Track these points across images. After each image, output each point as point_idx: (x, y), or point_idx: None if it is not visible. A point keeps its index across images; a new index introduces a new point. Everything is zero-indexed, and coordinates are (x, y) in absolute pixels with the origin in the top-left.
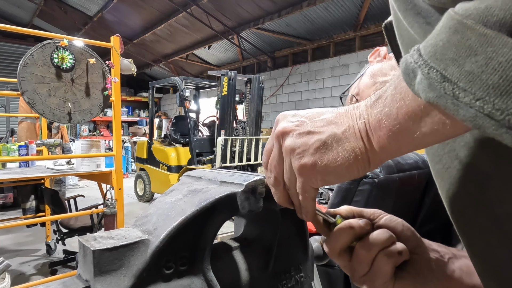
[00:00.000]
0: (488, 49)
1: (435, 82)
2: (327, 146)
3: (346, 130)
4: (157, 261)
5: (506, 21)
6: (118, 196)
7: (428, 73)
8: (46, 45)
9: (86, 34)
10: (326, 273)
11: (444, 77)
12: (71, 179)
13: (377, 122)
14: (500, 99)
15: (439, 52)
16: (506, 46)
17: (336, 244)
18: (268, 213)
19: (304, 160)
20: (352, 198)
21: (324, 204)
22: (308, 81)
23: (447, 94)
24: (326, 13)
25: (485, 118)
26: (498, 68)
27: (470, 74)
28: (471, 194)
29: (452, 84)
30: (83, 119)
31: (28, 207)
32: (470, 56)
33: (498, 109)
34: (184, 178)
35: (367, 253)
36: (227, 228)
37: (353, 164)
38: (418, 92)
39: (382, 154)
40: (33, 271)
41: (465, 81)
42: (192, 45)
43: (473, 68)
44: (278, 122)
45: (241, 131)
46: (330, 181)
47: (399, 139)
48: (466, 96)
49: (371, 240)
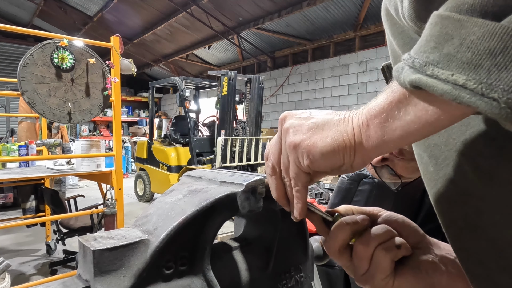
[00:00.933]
0: (462, 31)
1: (418, 67)
2: (319, 127)
3: (340, 120)
4: (157, 261)
5: (475, 6)
6: (118, 196)
7: (413, 62)
8: (46, 45)
9: (86, 34)
10: (326, 273)
11: (426, 62)
12: (71, 179)
13: (367, 112)
14: (473, 72)
15: (423, 45)
16: (476, 25)
17: (334, 242)
18: (268, 213)
19: (296, 137)
20: (352, 198)
21: (324, 204)
22: (308, 81)
23: (428, 75)
24: (326, 13)
25: (460, 89)
26: (471, 45)
27: (448, 55)
28: (467, 218)
29: (432, 66)
30: (83, 119)
31: (28, 207)
32: (447, 41)
33: (472, 79)
34: (184, 178)
35: (365, 248)
36: (227, 228)
37: (339, 148)
38: (404, 80)
39: (368, 146)
40: (33, 271)
41: (443, 62)
42: (192, 45)
43: (450, 50)
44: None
45: (241, 131)
46: (316, 162)
47: (384, 127)
48: (443, 74)
49: (368, 236)
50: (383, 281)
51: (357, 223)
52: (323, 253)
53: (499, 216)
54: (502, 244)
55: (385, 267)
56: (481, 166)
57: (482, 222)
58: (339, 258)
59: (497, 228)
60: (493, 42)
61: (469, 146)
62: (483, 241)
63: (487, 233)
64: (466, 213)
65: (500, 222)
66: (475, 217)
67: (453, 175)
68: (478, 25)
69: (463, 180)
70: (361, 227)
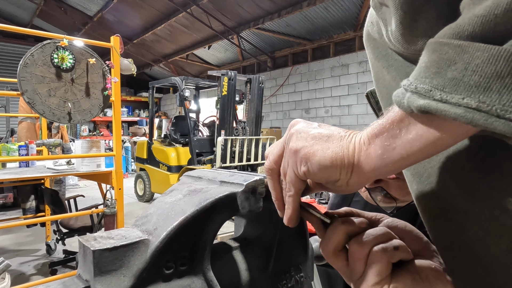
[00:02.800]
0: (464, 56)
1: (424, 93)
2: (322, 138)
3: (345, 136)
4: (157, 261)
5: (475, 33)
6: (118, 196)
7: (416, 87)
8: (46, 45)
9: (86, 34)
10: (326, 273)
11: (431, 87)
12: (71, 179)
13: (368, 131)
14: (483, 94)
15: (423, 71)
16: (479, 50)
17: (328, 244)
18: (268, 213)
19: (298, 142)
20: (352, 198)
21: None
22: (308, 81)
23: (436, 99)
24: (326, 13)
25: (474, 112)
26: (476, 69)
27: (453, 80)
28: (452, 234)
29: (439, 91)
30: (83, 119)
31: (28, 207)
32: (450, 65)
33: (484, 102)
34: (184, 178)
35: (360, 248)
36: (227, 228)
37: (338, 162)
38: (409, 105)
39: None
40: (33, 271)
41: (450, 87)
42: (192, 45)
43: (455, 74)
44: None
45: (241, 131)
46: (312, 171)
47: (385, 146)
48: (453, 98)
49: (365, 235)
50: (378, 285)
51: (353, 225)
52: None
53: (483, 232)
54: (487, 261)
55: (380, 269)
56: (464, 181)
57: (467, 239)
58: (334, 260)
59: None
60: (499, 65)
61: (452, 161)
62: (468, 258)
63: (471, 250)
64: (450, 229)
65: (484, 238)
66: (460, 234)
67: (437, 191)
68: (481, 49)
69: (447, 196)
70: (357, 230)
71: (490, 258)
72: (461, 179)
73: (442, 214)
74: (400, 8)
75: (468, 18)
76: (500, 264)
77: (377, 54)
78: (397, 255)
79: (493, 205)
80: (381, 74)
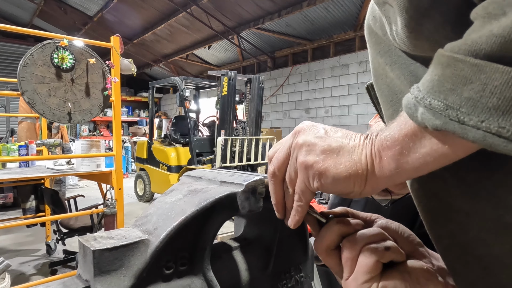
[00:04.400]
0: (481, 76)
1: (439, 111)
2: (333, 151)
3: (355, 146)
4: (157, 261)
5: (493, 53)
6: (118, 196)
7: (430, 103)
8: (46, 45)
9: (86, 34)
10: (326, 273)
11: (447, 105)
12: (71, 179)
13: (380, 144)
14: (503, 118)
15: (436, 85)
16: (498, 72)
17: (322, 242)
18: (268, 213)
19: (309, 157)
20: (351, 199)
21: (324, 204)
22: (308, 81)
23: (453, 120)
24: (326, 13)
25: (494, 137)
26: (495, 91)
27: (470, 100)
28: (453, 235)
29: (455, 110)
30: (83, 119)
31: (28, 207)
32: (466, 84)
33: (504, 127)
34: (184, 178)
35: (351, 247)
36: (227, 228)
37: (352, 176)
38: (423, 122)
39: (380, 176)
40: (33, 271)
41: (467, 107)
42: (192, 45)
43: (471, 94)
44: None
45: (241, 131)
46: (326, 186)
47: (398, 159)
48: (471, 120)
49: (357, 235)
50: (367, 283)
51: (348, 225)
52: None
53: (485, 233)
54: (489, 261)
55: (369, 267)
56: (465, 180)
57: (468, 239)
58: (327, 259)
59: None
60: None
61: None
62: (469, 258)
63: (473, 251)
64: (452, 230)
65: (487, 238)
66: (461, 234)
67: (437, 191)
68: (499, 71)
69: (448, 196)
70: (351, 230)
71: (493, 258)
72: (463, 178)
73: (442, 214)
74: (405, 11)
75: (486, 37)
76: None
77: (379, 49)
78: (387, 255)
79: (497, 204)
80: (383, 71)
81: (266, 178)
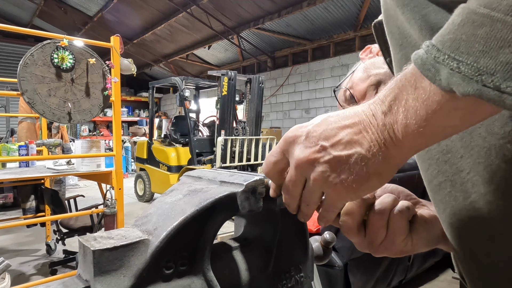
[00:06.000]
0: None
1: (470, 75)
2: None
3: (371, 147)
4: (157, 261)
5: None
6: (118, 196)
7: (458, 67)
8: (46, 45)
9: (86, 34)
10: (326, 273)
11: (479, 69)
12: (71, 179)
13: (403, 128)
14: None
15: (464, 46)
16: None
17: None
18: (268, 213)
19: (338, 187)
20: None
21: None
22: (308, 81)
23: (487, 86)
24: (326, 13)
25: None
26: None
27: (507, 64)
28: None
29: (489, 75)
30: (83, 119)
31: (28, 207)
32: (503, 47)
33: None
34: (184, 178)
35: (381, 217)
36: (227, 228)
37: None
38: (451, 87)
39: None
40: (33, 271)
41: (503, 72)
42: (192, 45)
43: (509, 58)
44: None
45: (241, 131)
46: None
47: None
48: (508, 86)
49: (380, 206)
50: (403, 242)
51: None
52: (323, 253)
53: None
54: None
55: (403, 229)
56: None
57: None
58: (358, 235)
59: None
60: None
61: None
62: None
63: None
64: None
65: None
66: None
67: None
68: None
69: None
70: (372, 201)
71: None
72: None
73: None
74: None
75: None
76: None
77: None
78: (410, 214)
79: None
80: (394, 12)
81: (266, 178)
